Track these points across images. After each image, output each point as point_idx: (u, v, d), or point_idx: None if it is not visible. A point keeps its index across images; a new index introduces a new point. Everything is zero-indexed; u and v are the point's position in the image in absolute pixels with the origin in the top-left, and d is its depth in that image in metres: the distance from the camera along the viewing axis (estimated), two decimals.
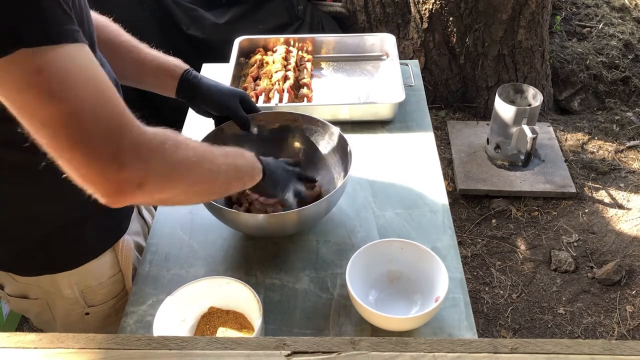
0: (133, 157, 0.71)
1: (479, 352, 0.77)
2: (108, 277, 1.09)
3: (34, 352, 0.78)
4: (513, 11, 2.72)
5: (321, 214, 1.14)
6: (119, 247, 1.09)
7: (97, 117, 0.68)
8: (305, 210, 1.07)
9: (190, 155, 0.81)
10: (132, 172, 0.71)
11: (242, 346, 0.79)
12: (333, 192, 1.08)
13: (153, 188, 0.75)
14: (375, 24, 3.03)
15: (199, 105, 1.21)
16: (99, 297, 1.11)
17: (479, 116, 2.99)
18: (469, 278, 2.25)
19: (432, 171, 1.34)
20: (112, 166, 0.69)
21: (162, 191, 0.78)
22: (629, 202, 2.52)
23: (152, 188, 0.75)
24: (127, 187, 0.71)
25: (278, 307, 1.05)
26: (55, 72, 0.65)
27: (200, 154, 0.84)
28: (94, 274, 1.07)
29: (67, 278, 1.04)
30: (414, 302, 1.03)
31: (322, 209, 1.11)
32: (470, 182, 2.57)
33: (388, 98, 1.54)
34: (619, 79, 3.12)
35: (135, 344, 0.79)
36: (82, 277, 1.06)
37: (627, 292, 2.18)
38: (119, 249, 1.09)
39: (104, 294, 1.11)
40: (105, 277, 1.09)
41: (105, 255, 1.07)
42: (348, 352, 0.77)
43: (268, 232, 1.15)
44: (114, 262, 1.09)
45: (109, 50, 1.09)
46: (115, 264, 1.09)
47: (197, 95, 1.18)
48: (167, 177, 0.77)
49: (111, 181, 0.70)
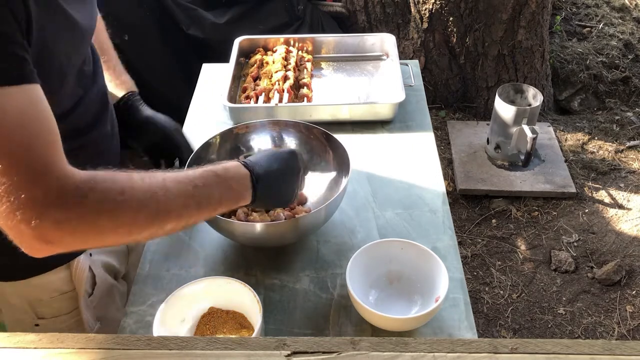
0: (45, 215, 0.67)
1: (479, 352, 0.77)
2: (61, 293, 1.06)
3: (34, 352, 0.78)
4: (513, 11, 2.72)
5: (320, 223, 1.13)
6: (74, 266, 1.05)
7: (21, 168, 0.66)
8: (303, 219, 1.06)
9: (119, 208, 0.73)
10: (41, 231, 0.68)
11: (242, 346, 0.79)
12: (330, 201, 1.07)
13: (69, 243, 0.72)
14: (375, 24, 3.03)
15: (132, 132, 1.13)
16: (50, 310, 1.08)
17: (479, 116, 2.99)
18: (469, 278, 2.25)
19: (432, 171, 1.34)
20: (25, 222, 0.67)
21: (85, 244, 0.75)
22: (629, 202, 2.52)
23: (68, 244, 0.72)
24: (37, 245, 0.69)
25: (278, 307, 1.05)
26: None
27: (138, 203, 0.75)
28: (44, 288, 1.04)
29: (13, 288, 1.02)
30: (414, 302, 1.03)
31: (320, 217, 1.10)
32: (470, 182, 2.57)
33: (388, 98, 1.54)
34: (619, 79, 3.12)
35: (135, 344, 0.79)
36: (30, 289, 1.02)
37: (627, 292, 2.18)
38: (74, 268, 1.05)
39: (56, 308, 1.08)
40: (57, 293, 1.06)
41: (59, 272, 1.04)
42: (348, 352, 0.77)
43: (266, 242, 1.13)
44: (67, 279, 1.05)
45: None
46: (69, 280, 1.06)
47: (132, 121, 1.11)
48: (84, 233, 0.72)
49: (24, 236, 0.68)
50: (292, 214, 1.12)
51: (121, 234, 0.75)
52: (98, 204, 0.71)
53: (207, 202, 0.84)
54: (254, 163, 0.92)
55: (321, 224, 1.14)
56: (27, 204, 0.66)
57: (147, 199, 0.75)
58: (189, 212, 0.81)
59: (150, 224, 0.77)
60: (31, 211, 0.67)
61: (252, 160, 0.93)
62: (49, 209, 0.68)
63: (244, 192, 0.89)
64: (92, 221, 0.71)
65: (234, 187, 0.87)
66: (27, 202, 0.66)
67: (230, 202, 0.88)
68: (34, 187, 0.67)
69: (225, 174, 0.87)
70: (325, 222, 1.15)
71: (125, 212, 0.73)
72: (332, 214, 1.15)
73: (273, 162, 0.95)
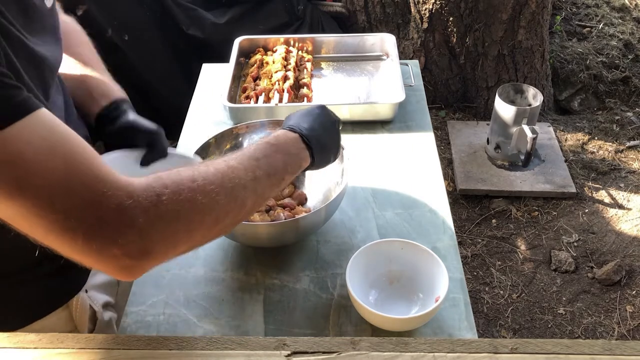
0: (123, 229, 0.62)
1: (479, 352, 0.77)
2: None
3: (34, 352, 0.78)
4: (513, 11, 2.72)
5: (320, 223, 1.13)
6: (73, 304, 1.00)
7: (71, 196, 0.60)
8: (303, 220, 1.06)
9: (198, 194, 0.68)
10: (128, 246, 0.62)
11: (242, 346, 0.79)
12: (330, 201, 1.07)
13: (162, 250, 0.66)
14: (375, 24, 3.03)
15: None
16: None
17: (479, 116, 2.99)
18: (469, 278, 2.25)
19: (432, 171, 1.34)
20: (107, 246, 0.61)
21: (176, 247, 0.68)
22: (629, 202, 2.52)
23: (161, 251, 0.66)
24: (130, 262, 0.64)
25: (278, 307, 1.05)
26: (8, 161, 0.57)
27: (213, 185, 0.71)
28: (44, 332, 0.98)
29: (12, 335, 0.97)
30: (414, 302, 1.03)
31: (320, 217, 1.10)
32: (470, 182, 2.57)
33: (388, 98, 1.54)
34: (619, 79, 3.12)
35: (135, 344, 0.79)
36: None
37: (627, 292, 2.18)
38: (74, 307, 1.00)
39: None
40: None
41: (59, 313, 1.00)
42: (348, 352, 0.77)
43: (266, 242, 1.13)
44: (68, 319, 1.01)
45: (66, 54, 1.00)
46: (69, 320, 1.01)
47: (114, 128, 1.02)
48: (174, 234, 0.67)
49: (113, 261, 0.63)
50: (292, 214, 1.12)
51: (209, 224, 0.71)
52: (176, 196, 0.65)
53: (274, 171, 0.82)
54: (297, 125, 0.91)
55: (321, 224, 1.14)
56: (101, 226, 0.61)
57: (220, 179, 0.72)
58: (261, 184, 0.79)
59: (231, 204, 0.73)
60: (110, 230, 0.62)
61: (293, 123, 0.92)
62: (128, 221, 0.62)
63: (302, 153, 0.89)
64: (176, 217, 0.66)
65: (292, 151, 0.87)
66: (100, 224, 0.61)
67: (295, 166, 0.88)
68: (99, 207, 0.61)
69: (278, 141, 0.86)
70: (325, 222, 1.15)
71: (205, 197, 0.68)
72: (332, 214, 1.15)
73: (313, 121, 0.95)
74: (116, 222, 0.62)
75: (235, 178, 0.74)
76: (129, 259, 0.64)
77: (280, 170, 0.84)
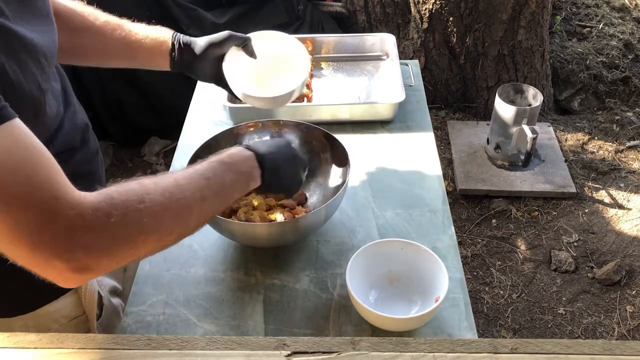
0: (70, 246, 0.65)
1: (479, 352, 0.77)
2: (70, 319, 1.03)
3: (34, 352, 0.78)
4: (513, 11, 2.72)
5: (319, 223, 1.13)
6: (82, 288, 1.02)
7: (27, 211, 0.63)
8: (303, 219, 1.06)
9: (144, 216, 0.71)
10: (73, 262, 0.66)
11: (242, 346, 0.79)
12: (330, 201, 1.07)
13: (103, 266, 0.70)
14: (375, 24, 3.03)
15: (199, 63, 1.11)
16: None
17: (479, 116, 2.99)
18: (469, 278, 2.25)
19: (432, 171, 1.34)
20: (52, 260, 0.65)
21: (119, 262, 0.72)
22: (629, 202, 2.52)
23: (102, 266, 0.70)
24: (71, 276, 0.67)
25: (278, 307, 1.05)
26: None
27: (160, 206, 0.74)
28: (52, 317, 1.01)
29: (22, 321, 0.99)
30: (414, 302, 1.03)
31: (320, 217, 1.10)
32: (470, 182, 2.57)
33: (388, 98, 1.54)
34: (619, 79, 3.12)
35: (135, 344, 0.79)
36: (38, 319, 1.00)
37: (627, 292, 2.18)
38: (82, 291, 1.02)
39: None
40: (66, 320, 1.03)
41: (67, 297, 1.01)
42: (348, 352, 0.77)
43: (266, 243, 1.13)
44: (76, 304, 1.03)
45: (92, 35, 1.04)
46: (78, 305, 1.03)
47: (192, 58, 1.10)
48: (117, 251, 0.70)
49: (55, 272, 0.67)
50: (292, 214, 1.12)
51: (152, 242, 0.74)
52: (123, 218, 0.69)
53: (223, 189, 0.84)
54: (255, 145, 0.94)
55: (321, 224, 1.14)
56: (51, 241, 0.64)
57: (167, 200, 0.75)
58: (208, 204, 0.82)
59: (176, 224, 0.77)
60: (58, 247, 0.65)
61: (252, 144, 0.96)
62: (76, 239, 0.66)
63: (252, 172, 0.90)
64: (122, 237, 0.70)
65: (243, 170, 0.89)
66: (51, 240, 0.64)
67: (242, 185, 0.89)
68: (52, 224, 0.64)
69: (231, 159, 0.88)
70: (325, 222, 1.15)
71: (150, 219, 0.72)
72: (332, 214, 1.15)
73: (274, 147, 0.97)
74: (65, 239, 0.65)
75: (182, 199, 0.76)
76: (71, 272, 0.67)
77: (229, 189, 0.86)
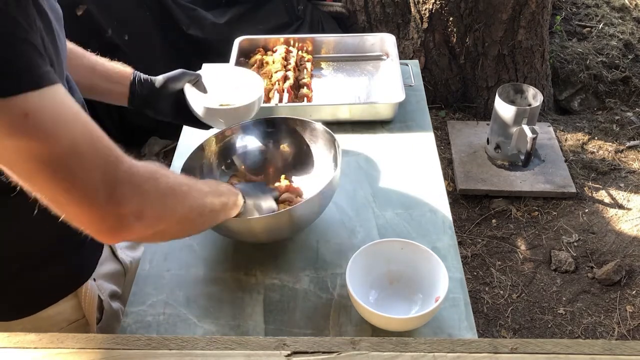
0: (129, 189, 0.70)
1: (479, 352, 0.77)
2: (69, 323, 1.04)
3: (34, 352, 0.78)
4: (513, 11, 2.72)
5: (315, 213, 1.12)
6: (82, 292, 1.03)
7: (92, 154, 0.67)
8: (297, 209, 1.05)
9: (181, 183, 0.82)
10: (130, 205, 0.70)
11: (242, 346, 0.79)
12: (323, 188, 1.06)
13: (151, 219, 0.75)
14: (375, 24, 3.03)
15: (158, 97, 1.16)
16: None
17: (479, 116, 2.99)
18: (469, 278, 2.25)
19: (432, 171, 1.34)
20: (110, 202, 0.69)
21: (160, 221, 0.77)
22: (629, 202, 2.52)
23: (150, 219, 0.74)
24: (126, 220, 0.71)
25: (278, 307, 1.05)
26: (43, 114, 0.64)
27: (188, 183, 0.85)
28: (53, 321, 1.01)
29: (21, 325, 0.99)
30: (414, 302, 1.03)
31: (315, 207, 1.09)
32: (470, 182, 2.57)
33: (388, 98, 1.54)
34: (619, 79, 3.12)
35: (135, 344, 0.79)
36: (39, 323, 1.00)
37: (627, 292, 2.18)
38: (82, 295, 1.03)
39: None
40: (66, 323, 1.03)
41: (67, 301, 1.02)
42: (348, 352, 0.77)
43: (262, 237, 1.12)
44: (76, 308, 1.03)
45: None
46: (78, 309, 1.03)
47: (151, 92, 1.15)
48: (163, 206, 0.77)
49: (110, 217, 0.70)
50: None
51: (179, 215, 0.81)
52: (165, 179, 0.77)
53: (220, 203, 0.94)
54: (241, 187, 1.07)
55: (316, 216, 1.14)
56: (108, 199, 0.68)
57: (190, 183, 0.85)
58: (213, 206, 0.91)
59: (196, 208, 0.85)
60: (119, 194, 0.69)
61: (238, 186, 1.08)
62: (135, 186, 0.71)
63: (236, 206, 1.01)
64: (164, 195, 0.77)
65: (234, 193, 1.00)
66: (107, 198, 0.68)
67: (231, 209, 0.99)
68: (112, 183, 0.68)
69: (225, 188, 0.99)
70: (320, 214, 1.14)
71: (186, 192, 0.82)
72: (327, 203, 1.14)
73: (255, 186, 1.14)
74: (126, 183, 0.70)
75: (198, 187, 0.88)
76: (127, 218, 0.71)
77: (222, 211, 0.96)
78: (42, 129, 0.64)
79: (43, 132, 0.64)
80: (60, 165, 0.65)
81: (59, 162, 0.65)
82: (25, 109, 0.63)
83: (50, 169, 0.65)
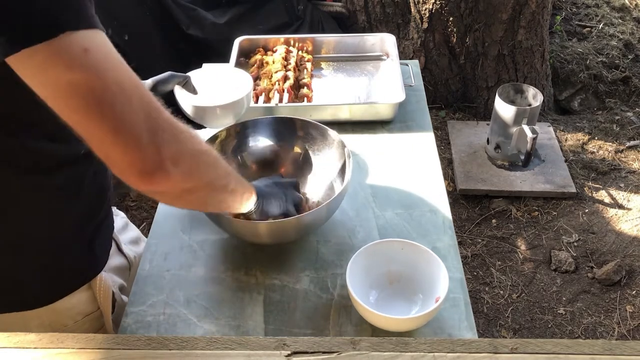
0: (169, 136, 0.73)
1: (479, 352, 0.77)
2: (84, 315, 1.05)
3: (34, 352, 0.78)
4: (513, 11, 2.72)
5: (321, 221, 1.13)
6: (97, 283, 1.04)
7: (138, 98, 0.70)
8: (305, 217, 1.06)
9: (212, 149, 0.85)
10: (169, 150, 0.72)
11: (242, 346, 0.79)
12: (332, 199, 1.07)
13: (185, 169, 0.76)
14: (375, 24, 3.03)
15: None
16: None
17: (479, 116, 2.99)
18: (469, 278, 2.25)
19: (432, 171, 1.34)
20: (152, 145, 0.70)
21: (191, 176, 0.79)
22: (629, 202, 2.52)
23: (185, 168, 0.76)
24: (164, 165, 0.72)
25: (278, 307, 1.05)
26: (99, 52, 0.67)
27: (217, 155, 0.87)
28: (68, 313, 1.02)
29: (38, 318, 0.99)
30: (414, 303, 1.03)
31: (322, 215, 1.10)
32: (470, 182, 2.57)
33: (388, 98, 1.54)
34: (619, 79, 3.12)
35: (135, 344, 0.79)
36: (54, 316, 1.00)
37: (627, 292, 2.18)
38: (97, 286, 1.04)
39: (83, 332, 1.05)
40: (81, 316, 1.04)
41: (82, 292, 1.02)
42: (348, 352, 0.77)
43: (267, 240, 1.13)
44: (91, 299, 1.04)
45: None
46: (92, 300, 1.04)
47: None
48: (196, 161, 0.79)
49: (150, 160, 0.71)
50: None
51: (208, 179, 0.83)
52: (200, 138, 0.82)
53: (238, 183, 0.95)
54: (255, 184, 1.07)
55: (323, 222, 1.14)
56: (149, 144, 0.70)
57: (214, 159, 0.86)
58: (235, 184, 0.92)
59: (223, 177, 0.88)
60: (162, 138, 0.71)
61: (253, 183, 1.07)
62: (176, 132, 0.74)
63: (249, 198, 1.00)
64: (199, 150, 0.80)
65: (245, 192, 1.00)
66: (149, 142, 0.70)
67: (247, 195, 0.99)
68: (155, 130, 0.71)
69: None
70: (326, 220, 1.15)
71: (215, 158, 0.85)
72: (334, 212, 1.15)
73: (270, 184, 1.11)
74: (167, 129, 0.73)
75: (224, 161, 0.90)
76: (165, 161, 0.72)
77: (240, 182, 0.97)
78: (99, 66, 0.66)
79: (100, 68, 0.66)
80: (110, 104, 0.67)
81: (110, 100, 0.67)
82: (85, 45, 0.66)
83: (101, 107, 0.67)
